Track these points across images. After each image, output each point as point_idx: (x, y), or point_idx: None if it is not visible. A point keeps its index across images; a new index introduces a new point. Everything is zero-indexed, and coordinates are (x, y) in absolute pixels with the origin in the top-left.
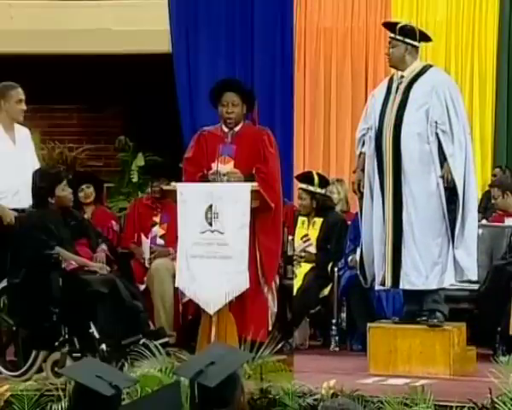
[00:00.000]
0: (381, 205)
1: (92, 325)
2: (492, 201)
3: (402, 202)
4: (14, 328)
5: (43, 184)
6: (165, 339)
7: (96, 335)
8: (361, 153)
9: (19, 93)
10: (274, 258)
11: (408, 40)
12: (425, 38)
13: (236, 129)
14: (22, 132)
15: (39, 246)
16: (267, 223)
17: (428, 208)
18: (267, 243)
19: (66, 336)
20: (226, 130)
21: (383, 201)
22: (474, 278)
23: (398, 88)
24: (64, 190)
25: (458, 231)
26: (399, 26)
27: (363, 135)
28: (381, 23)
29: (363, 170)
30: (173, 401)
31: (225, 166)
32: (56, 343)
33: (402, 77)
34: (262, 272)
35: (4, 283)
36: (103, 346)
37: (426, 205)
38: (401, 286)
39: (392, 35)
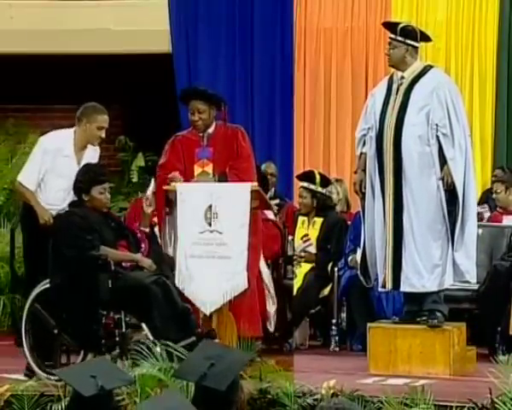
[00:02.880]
0: (381, 206)
1: (145, 327)
2: (494, 195)
3: (402, 204)
4: (56, 331)
5: (81, 178)
6: (216, 341)
7: (150, 337)
8: (362, 153)
9: (104, 120)
10: (255, 253)
11: (409, 41)
12: (425, 38)
13: (210, 131)
14: (91, 152)
15: (84, 246)
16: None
17: (429, 210)
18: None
19: (117, 339)
20: (200, 134)
21: (384, 202)
22: (473, 281)
23: (398, 89)
24: (101, 194)
25: (458, 233)
26: (400, 26)
27: (364, 135)
28: (381, 23)
29: (364, 170)
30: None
31: (205, 168)
32: (105, 346)
33: (402, 78)
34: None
35: (42, 285)
36: (158, 349)
37: (426, 207)
38: (402, 289)
39: (393, 36)
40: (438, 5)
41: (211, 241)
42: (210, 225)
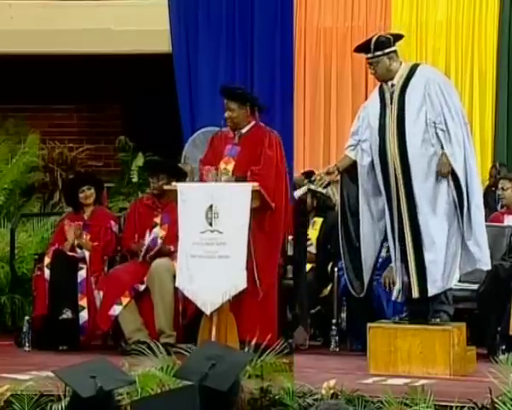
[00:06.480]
0: (389, 220)
1: None
2: (499, 192)
3: (417, 211)
4: None
5: None
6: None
7: None
8: (346, 156)
9: None
10: (269, 261)
11: (387, 50)
12: (398, 37)
13: (243, 131)
14: None
15: None
16: (263, 224)
17: (442, 208)
18: (262, 244)
19: None
20: (235, 132)
21: (392, 215)
22: (487, 267)
23: (392, 98)
24: None
25: (466, 223)
26: (373, 43)
27: (354, 145)
28: (353, 50)
29: (341, 172)
30: (190, 403)
31: (227, 166)
32: None
33: (393, 85)
34: (257, 274)
35: None
36: None
37: (440, 206)
38: (430, 293)
39: (370, 55)
40: (438, 5)
41: (212, 241)
42: (211, 224)
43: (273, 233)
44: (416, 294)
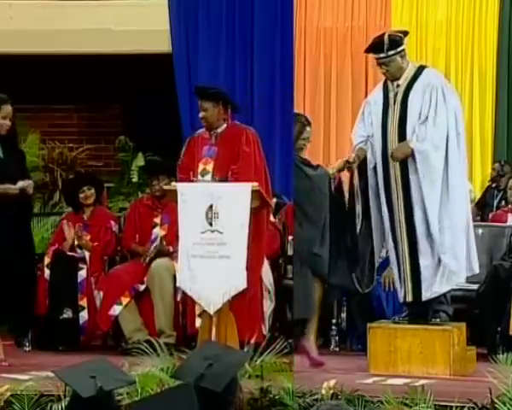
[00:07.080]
0: (388, 222)
1: None
2: (509, 192)
3: (413, 216)
4: None
5: None
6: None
7: None
8: (360, 148)
9: None
10: (254, 259)
11: (400, 48)
12: (404, 33)
13: (219, 130)
14: None
15: None
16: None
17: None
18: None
19: None
20: (211, 132)
21: (392, 217)
22: (461, 280)
23: (395, 99)
24: None
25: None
26: (386, 42)
27: (362, 142)
28: (364, 51)
29: (358, 159)
30: (187, 401)
31: (206, 166)
32: None
33: (398, 86)
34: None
35: None
36: None
37: (436, 210)
38: (424, 298)
39: (383, 54)
40: (438, 5)
41: (212, 241)
42: (211, 224)
43: (255, 230)
44: (409, 298)
